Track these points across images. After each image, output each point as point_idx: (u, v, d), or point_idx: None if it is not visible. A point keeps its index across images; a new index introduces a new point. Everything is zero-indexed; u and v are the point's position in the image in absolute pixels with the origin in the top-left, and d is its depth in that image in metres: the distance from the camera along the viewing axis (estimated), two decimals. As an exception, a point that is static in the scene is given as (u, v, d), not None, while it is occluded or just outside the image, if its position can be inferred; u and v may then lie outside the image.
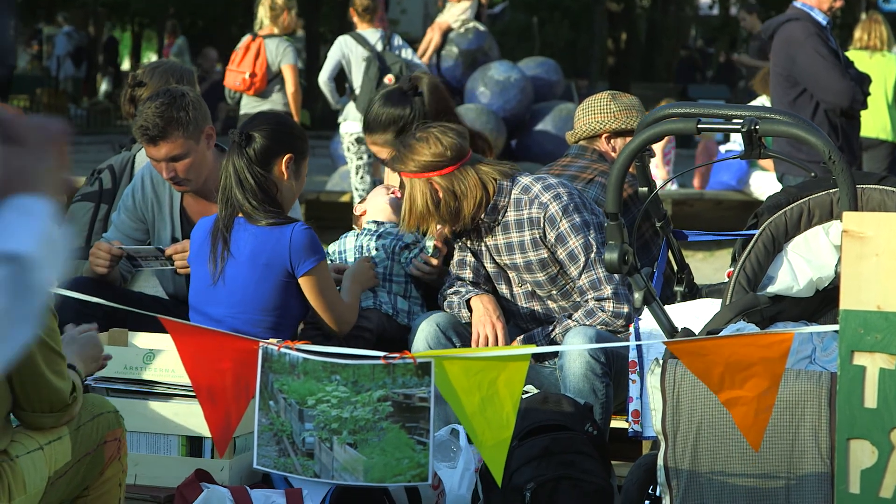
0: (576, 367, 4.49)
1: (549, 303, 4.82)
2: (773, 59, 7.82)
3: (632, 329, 4.34)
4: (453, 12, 12.19)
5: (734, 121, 3.85)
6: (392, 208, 5.14)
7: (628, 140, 4.85)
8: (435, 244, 4.95)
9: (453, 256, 4.92)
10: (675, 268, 4.76)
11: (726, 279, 4.14)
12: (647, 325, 4.18)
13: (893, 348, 3.11)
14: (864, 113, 7.83)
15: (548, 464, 4.15)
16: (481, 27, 12.32)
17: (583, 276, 4.68)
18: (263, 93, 10.06)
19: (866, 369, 3.14)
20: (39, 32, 32.75)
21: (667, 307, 3.95)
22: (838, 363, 3.16)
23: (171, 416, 4.18)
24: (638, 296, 3.75)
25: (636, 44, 33.66)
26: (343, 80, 10.48)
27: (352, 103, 10.26)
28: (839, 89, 7.47)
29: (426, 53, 11.97)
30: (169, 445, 4.19)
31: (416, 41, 12.75)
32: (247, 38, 10.20)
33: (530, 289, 4.83)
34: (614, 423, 4.59)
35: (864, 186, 3.97)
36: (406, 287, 4.99)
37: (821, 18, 7.65)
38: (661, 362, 3.63)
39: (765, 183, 11.65)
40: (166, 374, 4.19)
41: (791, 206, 4.04)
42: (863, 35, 9.60)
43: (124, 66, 35.52)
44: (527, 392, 4.45)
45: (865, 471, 3.14)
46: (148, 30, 35.12)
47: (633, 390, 4.24)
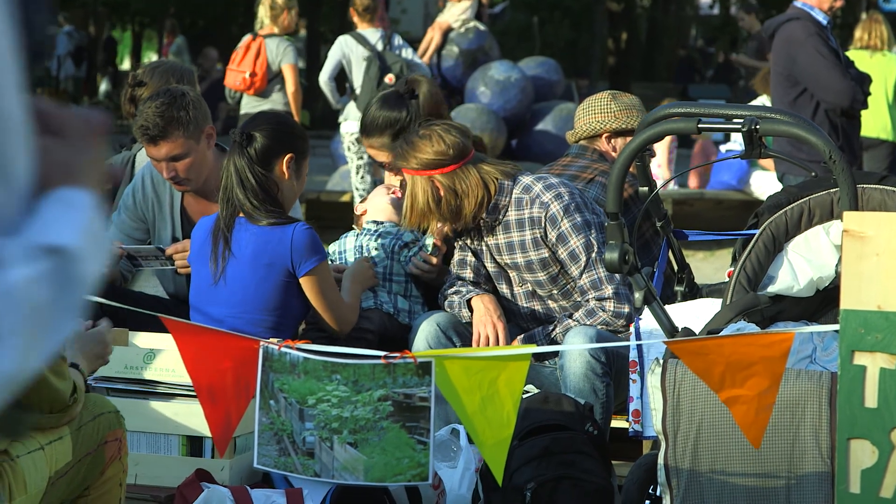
0: (576, 366, 4.49)
1: (550, 302, 4.81)
2: (774, 58, 7.82)
3: (632, 329, 4.33)
4: (453, 12, 12.18)
5: (734, 120, 3.85)
6: (393, 208, 5.14)
7: (629, 140, 4.85)
8: (434, 242, 4.95)
9: (453, 256, 4.92)
10: (676, 267, 4.76)
11: (727, 279, 4.14)
12: (648, 325, 4.18)
13: (894, 348, 3.11)
14: (865, 113, 7.83)
15: (548, 464, 4.15)
16: (482, 27, 12.31)
17: (584, 276, 4.68)
18: (264, 92, 10.05)
19: (867, 369, 3.14)
20: (40, 32, 32.67)
21: (667, 307, 3.95)
22: (839, 363, 3.16)
23: (172, 416, 4.18)
24: (638, 295, 3.75)
25: (637, 43, 33.65)
26: (343, 79, 10.47)
27: (352, 103, 10.25)
28: (840, 89, 7.46)
29: (427, 53, 11.97)
30: (169, 445, 4.19)
31: (416, 41, 12.74)
32: (247, 37, 10.19)
33: (531, 288, 4.83)
34: (615, 423, 4.59)
35: (865, 186, 3.96)
36: (406, 286, 4.99)
37: (821, 18, 7.64)
38: (661, 362, 3.63)
39: (765, 183, 11.64)
40: (167, 373, 4.19)
41: (791, 205, 4.04)
42: (863, 35, 9.59)
43: (124, 65, 35.51)
44: (527, 392, 4.45)
45: (866, 471, 3.14)
46: (148, 29, 35.11)
47: (634, 390, 4.23)
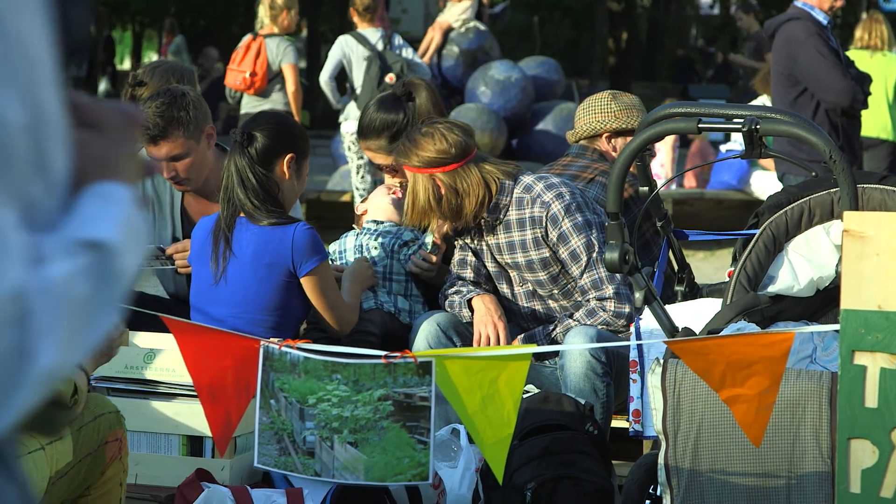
0: (577, 366, 4.48)
1: (551, 302, 4.81)
2: (774, 58, 7.82)
3: (633, 329, 4.33)
4: (454, 12, 12.18)
5: (735, 120, 3.85)
6: (393, 208, 5.14)
7: (629, 140, 4.85)
8: (434, 241, 4.95)
9: (454, 255, 4.92)
10: (676, 267, 4.76)
11: (727, 279, 4.14)
12: (648, 325, 4.18)
13: (894, 348, 3.11)
14: (865, 112, 7.83)
15: (548, 463, 4.15)
16: (482, 27, 12.31)
17: (584, 276, 4.68)
18: (264, 92, 10.05)
19: (867, 369, 3.14)
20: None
21: (667, 307, 3.95)
22: (839, 363, 3.16)
23: (172, 416, 4.18)
24: (639, 295, 3.75)
25: (637, 43, 33.63)
26: (344, 79, 10.47)
27: (353, 103, 10.25)
28: (840, 89, 7.46)
29: (427, 53, 11.96)
30: (170, 445, 4.19)
31: (416, 40, 12.74)
32: (248, 37, 10.19)
33: (531, 288, 4.82)
34: (615, 423, 4.59)
35: (865, 186, 3.96)
36: (406, 286, 4.99)
37: (821, 18, 7.64)
38: (661, 362, 3.63)
39: (765, 182, 11.64)
40: (167, 373, 4.19)
41: (792, 205, 4.04)
42: (863, 34, 9.59)
43: (124, 65, 35.49)
44: (527, 392, 4.45)
45: (866, 470, 3.14)
46: (149, 29, 35.11)
47: (634, 390, 4.23)
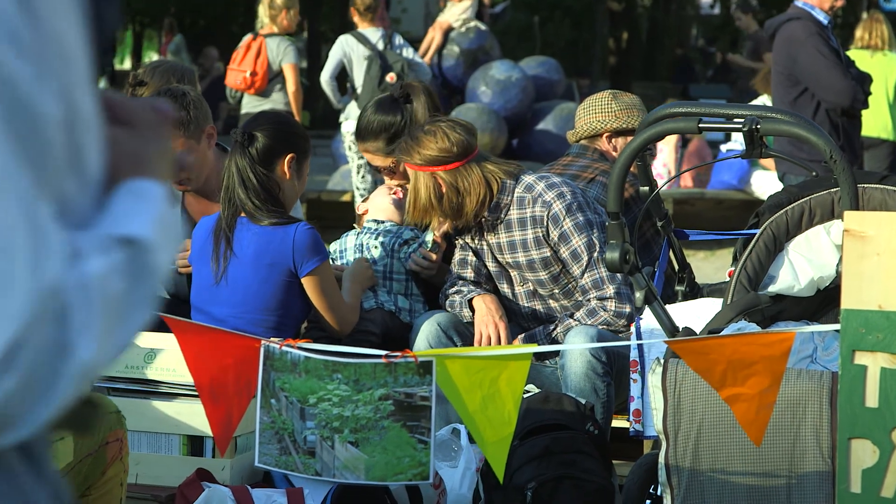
0: (577, 366, 4.48)
1: (551, 302, 4.81)
2: (775, 58, 7.82)
3: (633, 328, 4.33)
4: (454, 11, 12.18)
5: (735, 120, 3.85)
6: (394, 208, 5.14)
7: (629, 139, 4.85)
8: (434, 239, 4.94)
9: (454, 255, 4.92)
10: (677, 267, 4.75)
11: (727, 278, 4.14)
12: (649, 325, 4.18)
13: (894, 348, 3.11)
14: (866, 112, 7.83)
15: (549, 463, 4.15)
16: (482, 26, 12.32)
17: (585, 275, 4.68)
18: (264, 92, 10.05)
19: (867, 369, 3.14)
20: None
21: (668, 306, 3.95)
22: (839, 363, 3.17)
23: (173, 416, 4.17)
24: (639, 295, 3.75)
25: (637, 43, 33.60)
26: (345, 79, 10.47)
27: (353, 102, 10.25)
28: (840, 88, 7.46)
29: (428, 53, 11.96)
30: (170, 445, 4.19)
31: (417, 40, 12.74)
32: (248, 37, 10.19)
33: (532, 288, 4.82)
34: (615, 423, 4.59)
35: (866, 186, 3.96)
36: (407, 285, 4.99)
37: (822, 17, 7.64)
38: (662, 362, 3.63)
39: (766, 182, 11.64)
40: (168, 373, 4.19)
41: (792, 205, 4.04)
42: (864, 34, 9.59)
43: (124, 65, 35.50)
44: (528, 391, 4.45)
45: (867, 470, 3.14)
46: (149, 29, 35.11)
47: (635, 390, 4.23)
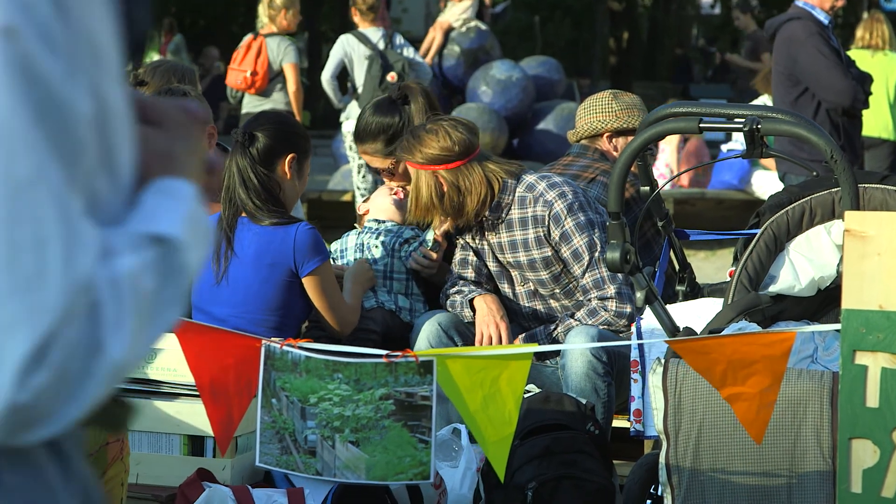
0: (578, 366, 4.48)
1: (552, 301, 4.81)
2: (775, 58, 7.82)
3: (634, 328, 4.33)
4: (454, 11, 12.18)
5: (736, 120, 3.85)
6: (395, 208, 5.13)
7: (630, 139, 4.85)
8: (435, 238, 4.94)
9: (455, 254, 4.92)
10: (677, 267, 4.76)
11: (728, 278, 4.14)
12: (649, 325, 4.18)
13: (895, 348, 3.11)
14: (866, 112, 7.83)
15: (549, 463, 4.15)
16: (483, 26, 12.31)
17: (586, 275, 4.68)
18: (265, 92, 10.05)
19: (868, 369, 3.14)
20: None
21: (668, 306, 3.95)
22: (840, 363, 3.17)
23: (174, 416, 4.17)
24: (640, 295, 3.75)
25: (638, 43, 33.60)
26: (345, 78, 10.47)
27: (354, 102, 10.25)
28: (841, 88, 7.46)
29: (429, 54, 11.95)
30: (171, 445, 4.19)
31: (417, 40, 12.74)
32: (248, 36, 10.19)
33: (533, 287, 4.82)
34: (616, 423, 4.59)
35: (866, 185, 3.96)
36: (407, 284, 4.99)
37: (822, 17, 7.64)
38: (663, 362, 3.63)
39: (766, 182, 11.64)
40: (168, 373, 4.19)
41: (793, 205, 4.04)
42: (864, 34, 9.59)
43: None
44: (528, 391, 4.45)
45: (867, 470, 3.14)
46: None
47: (635, 389, 4.23)
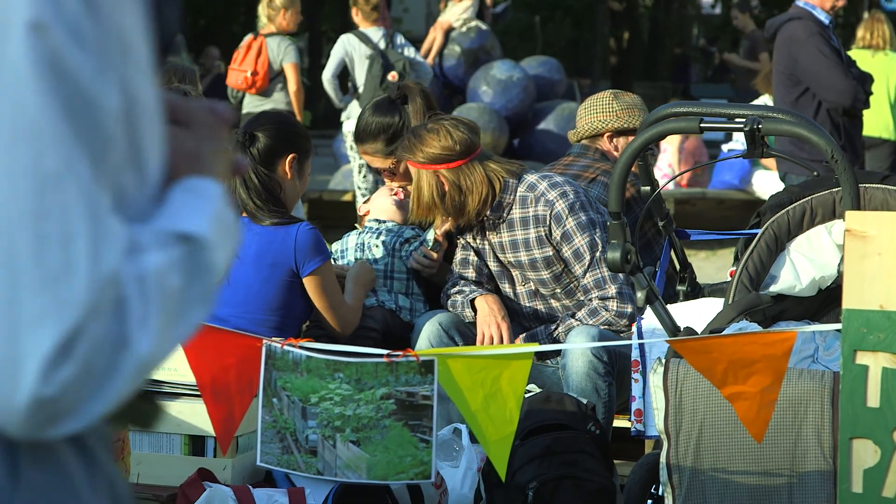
0: (578, 366, 4.48)
1: (553, 301, 4.81)
2: (776, 58, 7.82)
3: (634, 328, 4.33)
4: (454, 11, 12.18)
5: (736, 120, 3.85)
6: (396, 208, 5.14)
7: (630, 139, 4.85)
8: (436, 238, 4.94)
9: (456, 254, 4.92)
10: (678, 267, 4.75)
11: (729, 278, 4.14)
12: (650, 324, 4.18)
13: (896, 347, 3.11)
14: (867, 112, 7.83)
15: (550, 463, 4.15)
16: (483, 26, 12.31)
17: (587, 275, 4.68)
18: (266, 92, 10.04)
19: (869, 369, 3.14)
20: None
21: (669, 306, 3.95)
22: (841, 362, 3.17)
23: (175, 415, 4.18)
24: (640, 295, 3.75)
25: (639, 43, 33.60)
26: (346, 78, 10.47)
27: (355, 101, 10.25)
28: (841, 88, 7.46)
29: (430, 54, 11.94)
30: (172, 444, 4.19)
31: (418, 40, 12.74)
32: (249, 36, 10.19)
33: (533, 287, 4.82)
34: (617, 423, 4.59)
35: (867, 185, 3.96)
36: (408, 284, 4.99)
37: (823, 17, 7.64)
38: (663, 361, 3.63)
39: (767, 182, 11.64)
40: (169, 372, 4.19)
41: (794, 205, 4.04)
42: (865, 34, 9.59)
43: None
44: (529, 391, 4.45)
45: (868, 470, 3.14)
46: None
47: (636, 389, 4.23)
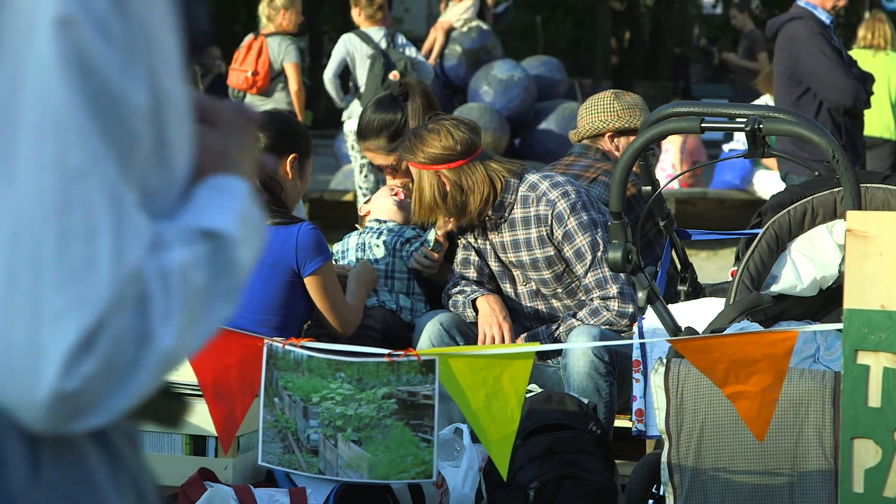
0: (579, 365, 4.49)
1: (554, 301, 4.81)
2: (777, 58, 7.83)
3: (636, 328, 4.34)
4: (455, 11, 12.18)
5: (738, 120, 3.85)
6: (396, 209, 5.13)
7: (632, 139, 4.85)
8: (436, 238, 4.94)
9: (457, 254, 4.92)
10: (679, 267, 4.76)
11: (730, 278, 4.14)
12: (651, 324, 4.18)
13: (897, 347, 3.11)
14: (868, 112, 7.84)
15: (551, 463, 4.15)
16: (484, 26, 12.31)
17: (589, 275, 4.68)
18: (266, 92, 10.04)
19: (870, 368, 3.14)
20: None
21: (670, 306, 3.95)
22: (842, 362, 3.17)
23: (176, 415, 4.17)
24: (641, 295, 3.75)
25: (640, 42, 33.63)
26: (347, 78, 10.47)
27: (356, 101, 10.24)
28: (842, 88, 7.47)
29: (432, 55, 11.93)
30: (173, 444, 4.20)
31: (419, 40, 12.73)
32: (249, 36, 10.19)
33: (535, 287, 4.82)
34: (618, 423, 4.59)
35: (868, 185, 3.97)
36: (409, 284, 4.99)
37: (824, 17, 7.65)
38: (664, 361, 3.63)
39: (768, 182, 11.64)
40: (171, 372, 4.19)
41: (795, 205, 4.04)
42: (866, 34, 9.59)
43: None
44: (530, 391, 4.45)
45: (869, 470, 3.15)
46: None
47: (637, 389, 4.23)
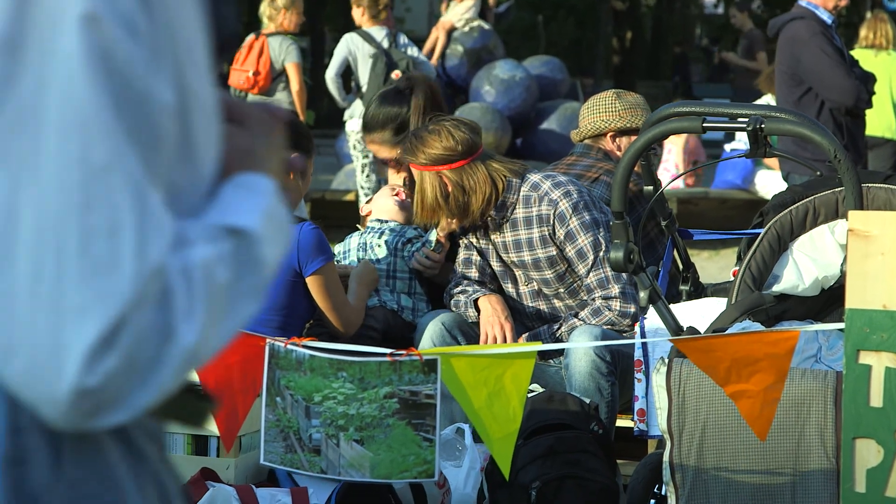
0: (581, 365, 4.49)
1: (556, 301, 4.81)
2: (778, 57, 7.83)
3: (637, 328, 4.34)
4: (457, 11, 12.18)
5: (739, 119, 3.85)
6: (397, 209, 5.14)
7: (633, 139, 4.85)
8: (438, 238, 4.94)
9: (458, 254, 4.92)
10: (681, 267, 4.75)
11: (732, 278, 4.14)
12: (653, 324, 4.18)
13: (899, 347, 3.12)
14: (870, 111, 7.83)
15: (553, 463, 4.15)
16: (486, 26, 12.31)
17: (591, 275, 4.68)
18: (268, 91, 10.04)
19: (872, 368, 3.14)
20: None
21: (672, 306, 3.95)
22: (844, 362, 3.17)
23: (178, 414, 4.18)
24: (643, 294, 3.75)
25: (641, 42, 33.63)
26: (349, 77, 10.47)
27: (358, 101, 10.24)
28: (844, 88, 7.46)
29: (434, 55, 11.93)
30: (175, 444, 4.20)
31: (421, 40, 12.73)
32: (251, 36, 10.20)
33: (536, 287, 4.82)
34: (620, 422, 4.59)
35: (870, 185, 3.97)
36: (410, 284, 4.99)
37: (826, 17, 7.64)
38: (666, 361, 3.63)
39: (770, 182, 11.64)
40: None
41: (796, 204, 4.04)
42: (868, 34, 9.59)
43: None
44: (532, 391, 4.45)
45: (871, 470, 3.15)
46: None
47: (639, 389, 4.23)
